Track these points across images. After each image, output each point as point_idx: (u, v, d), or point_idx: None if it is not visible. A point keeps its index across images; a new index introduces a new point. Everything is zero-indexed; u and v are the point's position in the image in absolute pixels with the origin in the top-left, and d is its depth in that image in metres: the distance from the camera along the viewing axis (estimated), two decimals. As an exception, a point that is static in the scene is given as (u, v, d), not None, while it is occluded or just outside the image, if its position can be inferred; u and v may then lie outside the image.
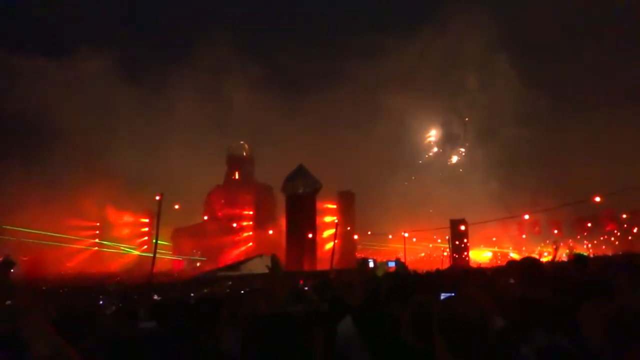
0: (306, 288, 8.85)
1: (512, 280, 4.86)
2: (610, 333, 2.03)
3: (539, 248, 60.56)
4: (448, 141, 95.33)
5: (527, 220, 63.55)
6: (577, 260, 5.56)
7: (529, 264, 3.72)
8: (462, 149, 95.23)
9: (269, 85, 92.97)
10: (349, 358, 2.71)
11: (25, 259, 64.89)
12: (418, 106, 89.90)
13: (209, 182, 79.98)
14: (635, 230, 65.66)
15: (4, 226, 62.28)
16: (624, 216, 65.81)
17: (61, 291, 26.41)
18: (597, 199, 25.50)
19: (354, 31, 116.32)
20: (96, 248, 73.74)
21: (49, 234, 66.30)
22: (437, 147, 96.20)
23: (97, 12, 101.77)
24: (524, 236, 71.15)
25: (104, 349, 2.75)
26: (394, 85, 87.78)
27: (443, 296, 2.56)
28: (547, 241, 62.75)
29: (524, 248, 64.43)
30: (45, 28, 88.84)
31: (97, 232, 74.71)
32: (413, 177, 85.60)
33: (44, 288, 30.27)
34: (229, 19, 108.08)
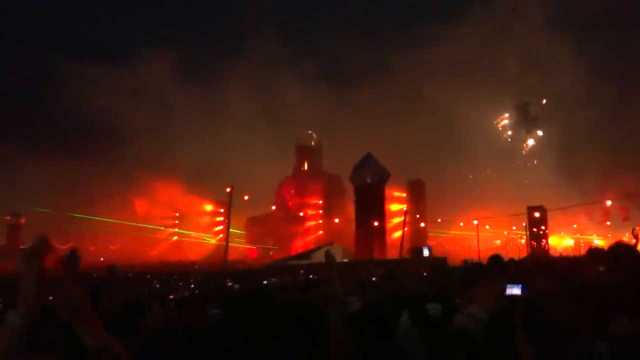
0: (374, 278, 8.87)
1: (601, 269, 4.54)
2: None
3: (627, 235, 56.43)
4: (523, 125, 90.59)
5: (612, 206, 59.33)
6: None
7: (620, 250, 3.45)
8: (540, 132, 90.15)
9: (330, 78, 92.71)
10: (407, 353, 2.67)
11: (113, 248, 70.18)
12: (487, 90, 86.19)
13: (280, 172, 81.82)
14: None
15: (90, 217, 67.51)
16: None
17: (148, 276, 28.28)
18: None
19: (402, 22, 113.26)
20: (176, 237, 78.03)
21: (132, 224, 71.01)
22: (512, 131, 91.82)
23: (153, 15, 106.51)
24: (608, 223, 66.43)
25: (160, 336, 2.90)
26: (458, 71, 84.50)
27: (510, 288, 2.43)
28: (638, 227, 58.20)
29: (609, 235, 60.22)
30: (106, 35, 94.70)
31: (177, 222, 78.98)
32: (487, 170, 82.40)
33: (130, 275, 32.53)
34: (276, 17, 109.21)
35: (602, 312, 2.72)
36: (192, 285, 15.70)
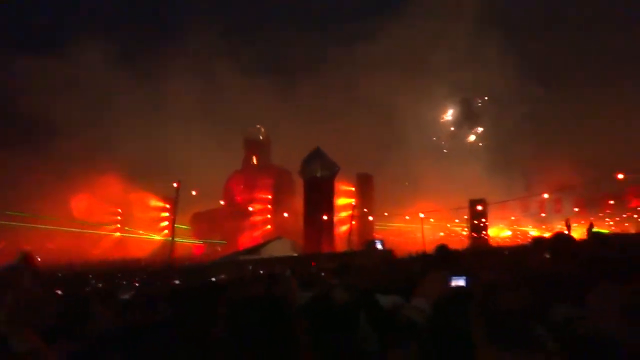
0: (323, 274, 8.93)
1: (547, 255, 4.80)
2: (623, 316, 1.98)
3: (559, 226, 59.82)
4: (465, 120, 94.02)
5: (548, 199, 62.75)
6: (596, 237, 5.49)
7: (561, 239, 3.66)
8: (480, 128, 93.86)
9: (272, 70, 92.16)
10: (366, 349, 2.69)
11: (51, 246, 66.81)
12: (433, 86, 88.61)
13: (228, 167, 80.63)
14: (659, 207, 64.35)
15: (24, 214, 64.02)
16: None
17: (90, 276, 27.12)
18: (620, 175, 25.02)
19: (342, 14, 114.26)
20: (119, 234, 75.36)
21: (72, 221, 67.99)
22: (454, 126, 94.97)
23: (86, 2, 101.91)
24: (543, 215, 70.26)
25: (105, 338, 2.80)
26: (405, 66, 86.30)
27: (455, 279, 2.49)
28: (569, 218, 61.92)
29: (543, 226, 63.69)
30: (37, 23, 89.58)
31: (119, 218, 76.23)
32: (437, 161, 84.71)
33: (71, 274, 31.10)
34: (219, 9, 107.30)
35: (545, 297, 2.88)
36: (137, 284, 15.20)
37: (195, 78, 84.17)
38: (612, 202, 68.27)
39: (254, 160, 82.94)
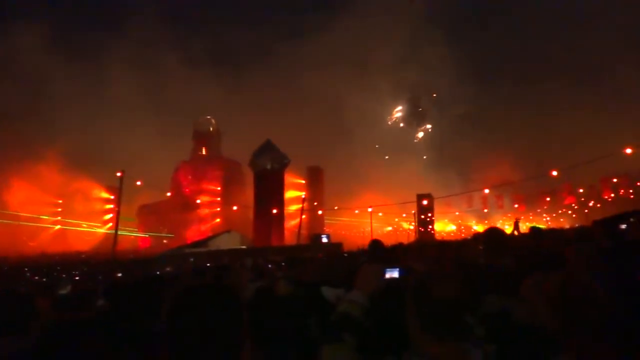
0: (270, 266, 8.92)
1: (480, 247, 5.02)
2: (552, 306, 2.08)
3: (500, 221, 62.46)
4: (414, 117, 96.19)
5: (489, 194, 65.29)
6: (533, 232, 5.78)
7: (493, 233, 3.82)
8: (429, 125, 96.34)
9: (220, 61, 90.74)
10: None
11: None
12: (382, 83, 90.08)
13: (176, 158, 78.77)
14: (591, 204, 68.36)
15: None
16: (581, 190, 68.37)
17: (25, 269, 25.79)
18: (554, 173, 26.40)
19: (299, 9, 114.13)
20: (59, 226, 72.01)
21: (7, 212, 64.33)
22: (404, 123, 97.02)
23: None
24: (485, 210, 73.17)
25: (45, 334, 2.69)
26: (353, 62, 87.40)
27: (389, 271, 2.54)
28: (509, 214, 64.76)
29: (486, 221, 66.29)
30: None
31: (60, 210, 72.82)
32: (386, 157, 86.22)
33: (5, 268, 29.46)
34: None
35: (480, 289, 3.01)
36: (77, 278, 14.63)
37: (141, 68, 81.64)
38: (548, 198, 71.96)
39: (203, 152, 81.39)
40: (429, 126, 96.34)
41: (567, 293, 2.03)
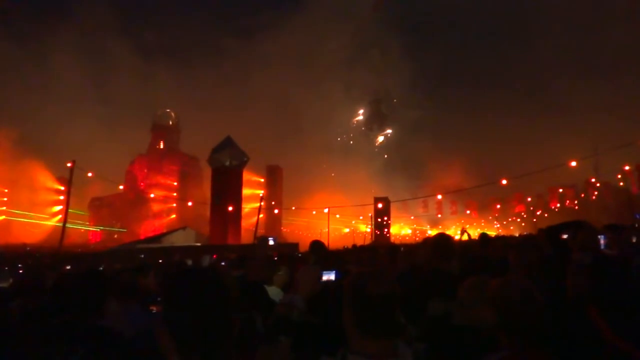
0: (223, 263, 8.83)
1: (424, 253, 5.15)
2: (492, 307, 2.17)
3: (453, 227, 64.14)
4: (375, 121, 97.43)
5: (444, 200, 66.91)
6: (481, 238, 6.00)
7: (441, 238, 3.93)
8: (389, 130, 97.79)
9: (174, 55, 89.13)
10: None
11: None
12: (348, 85, 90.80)
13: (132, 151, 76.63)
14: (539, 212, 71.23)
15: None
16: (529, 199, 71.13)
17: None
18: (504, 181, 27.33)
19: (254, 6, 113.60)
20: (3, 217, 68.61)
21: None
22: (364, 126, 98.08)
23: None
24: (439, 216, 74.94)
25: None
26: (319, 63, 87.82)
27: (325, 274, 2.58)
28: (462, 220, 66.58)
29: (440, 226, 67.87)
30: None
31: (5, 199, 69.38)
32: (342, 161, 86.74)
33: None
34: None
35: (426, 290, 3.11)
36: (21, 271, 14.00)
37: (94, 57, 79.14)
38: (499, 206, 74.48)
39: (161, 145, 79.49)
40: (389, 131, 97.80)
41: (507, 295, 2.13)
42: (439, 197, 51.97)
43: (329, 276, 2.50)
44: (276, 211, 60.59)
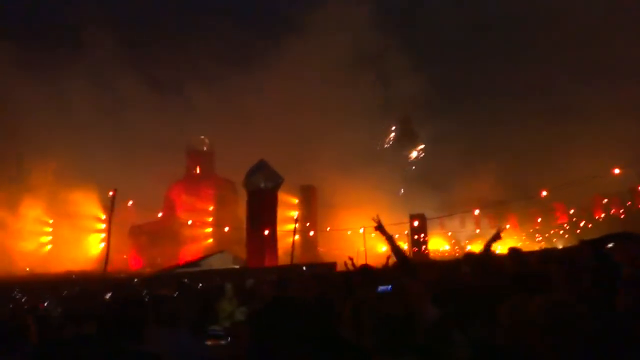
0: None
1: (466, 270, 5.06)
2: (537, 329, 2.08)
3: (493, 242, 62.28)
4: (406, 137, 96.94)
5: (481, 214, 65.47)
6: (511, 253, 5.75)
7: (483, 257, 3.85)
8: (422, 145, 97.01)
9: (224, 82, 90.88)
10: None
11: (-29, 258, 62.11)
12: (380, 102, 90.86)
13: (169, 177, 78.57)
14: (582, 223, 68.68)
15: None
16: (572, 211, 68.76)
17: (16, 290, 25.44)
18: (544, 193, 26.59)
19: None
20: (50, 246, 71.24)
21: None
22: (396, 143, 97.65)
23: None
24: (477, 230, 73.35)
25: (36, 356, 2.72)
26: (350, 81, 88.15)
27: (380, 289, 2.64)
28: (502, 235, 64.56)
29: (480, 241, 66.36)
30: None
31: (50, 229, 72.10)
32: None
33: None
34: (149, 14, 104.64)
35: (463, 309, 3.06)
36: (67, 299, 14.44)
37: (127, 84, 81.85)
38: (540, 219, 72.24)
39: (197, 171, 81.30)
40: (422, 146, 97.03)
41: (553, 316, 2.03)
42: (476, 212, 50.93)
43: (386, 289, 2.55)
44: (312, 233, 60.64)
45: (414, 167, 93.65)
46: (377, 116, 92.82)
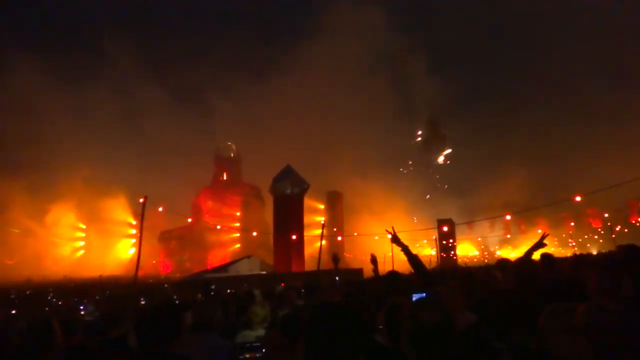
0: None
1: (499, 276, 4.96)
2: (581, 337, 2.02)
3: (523, 247, 61.14)
4: (433, 141, 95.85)
5: (512, 220, 64.14)
6: (544, 260, 5.57)
7: (523, 262, 3.77)
8: (449, 149, 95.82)
9: (249, 89, 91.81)
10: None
11: (10, 262, 64.27)
12: (405, 107, 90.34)
13: (197, 184, 79.87)
14: (618, 228, 66.60)
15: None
16: (606, 215, 66.73)
17: (51, 293, 26.19)
18: (578, 198, 25.83)
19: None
20: (82, 251, 73.05)
21: (34, 236, 65.58)
22: (423, 147, 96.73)
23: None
24: (508, 236, 71.82)
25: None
26: (374, 86, 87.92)
27: (415, 297, 2.61)
28: (533, 240, 63.21)
29: (510, 247, 65.09)
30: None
31: (84, 234, 73.97)
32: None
33: (28, 292, 29.93)
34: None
35: (499, 315, 2.98)
36: (100, 304, 14.76)
37: (155, 94, 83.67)
38: (572, 223, 70.39)
39: (224, 177, 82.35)
40: (449, 150, 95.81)
41: (597, 324, 1.96)
42: (508, 217, 49.84)
43: (420, 297, 2.54)
44: (339, 238, 60.46)
45: (438, 177, 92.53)
46: (401, 120, 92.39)
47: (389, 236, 4.60)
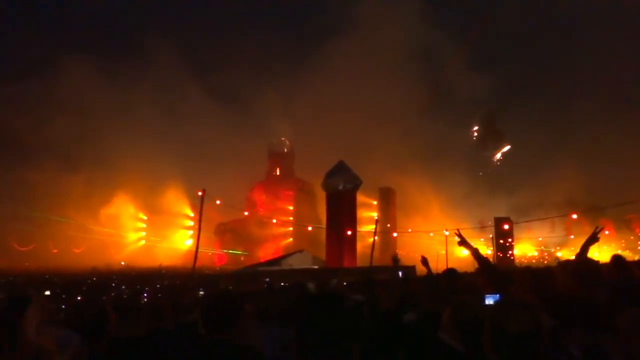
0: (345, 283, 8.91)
1: (563, 279, 4.73)
2: None
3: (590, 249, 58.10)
4: (490, 138, 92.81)
5: (574, 220, 61.14)
6: (615, 261, 5.24)
7: (587, 265, 3.61)
8: (507, 146, 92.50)
9: (302, 85, 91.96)
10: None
11: (77, 251, 68.30)
12: (458, 101, 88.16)
13: (252, 178, 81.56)
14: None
15: (55, 218, 65.57)
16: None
17: (114, 281, 27.64)
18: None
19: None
20: (143, 242, 76.40)
21: (98, 228, 69.27)
22: (481, 142, 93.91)
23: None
24: (572, 237, 68.53)
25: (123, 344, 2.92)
26: (429, 81, 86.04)
27: (488, 298, 2.53)
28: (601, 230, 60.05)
29: (572, 248, 62.09)
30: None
31: (145, 226, 77.33)
32: (469, 170, 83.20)
33: (94, 278, 31.70)
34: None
35: (571, 319, 2.86)
36: (159, 294, 15.40)
37: (215, 89, 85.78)
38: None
39: (277, 172, 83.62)
40: (507, 147, 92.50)
41: None
42: (574, 216, 47.32)
43: (491, 300, 2.45)
44: (395, 234, 59.95)
45: (500, 170, 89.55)
46: (455, 116, 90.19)
47: (456, 238, 4.53)
